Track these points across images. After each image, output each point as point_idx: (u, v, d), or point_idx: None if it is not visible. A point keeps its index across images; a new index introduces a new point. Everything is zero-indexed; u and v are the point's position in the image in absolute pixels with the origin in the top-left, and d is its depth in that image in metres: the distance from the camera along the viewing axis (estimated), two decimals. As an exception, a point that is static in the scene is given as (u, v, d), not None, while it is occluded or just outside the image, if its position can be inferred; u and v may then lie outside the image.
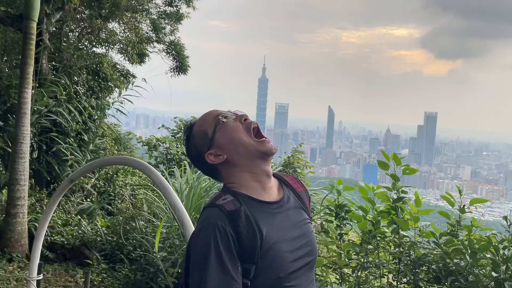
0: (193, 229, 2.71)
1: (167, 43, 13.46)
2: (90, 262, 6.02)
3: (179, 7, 12.99)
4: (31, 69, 6.61)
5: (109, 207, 8.30)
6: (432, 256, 4.13)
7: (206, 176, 6.81)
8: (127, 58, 12.51)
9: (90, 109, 9.64)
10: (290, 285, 1.60)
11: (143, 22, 13.03)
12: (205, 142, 1.70)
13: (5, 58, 10.82)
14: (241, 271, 1.52)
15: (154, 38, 13.33)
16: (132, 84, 11.99)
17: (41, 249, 6.28)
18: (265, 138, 1.70)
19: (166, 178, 6.80)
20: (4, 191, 7.50)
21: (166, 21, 13.42)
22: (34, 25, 6.59)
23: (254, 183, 1.67)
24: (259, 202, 1.64)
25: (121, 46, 11.96)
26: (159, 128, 13.13)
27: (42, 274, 3.88)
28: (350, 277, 4.77)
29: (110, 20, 11.59)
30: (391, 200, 4.52)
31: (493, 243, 3.77)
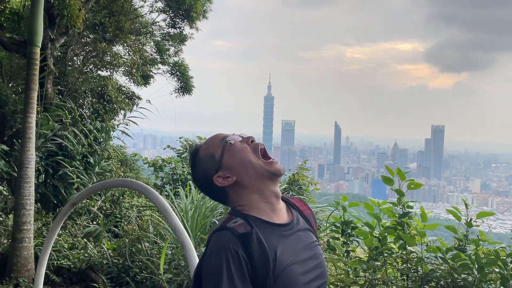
0: (194, 250, 2.70)
1: (171, 64, 13.61)
2: (97, 285, 5.99)
3: (182, 28, 13.14)
4: (35, 94, 6.66)
5: (116, 229, 8.27)
6: (440, 271, 4.07)
7: (211, 198, 6.80)
8: (131, 80, 12.63)
9: (96, 132, 9.69)
10: None
11: (147, 44, 13.19)
12: (213, 165, 1.68)
13: (11, 83, 10.94)
14: None
15: (158, 60, 13.48)
16: (137, 106, 12.06)
17: (48, 273, 6.28)
18: (273, 159, 1.69)
19: (171, 199, 6.80)
20: (10, 215, 7.51)
21: (170, 43, 13.58)
22: (37, 50, 6.66)
23: (263, 204, 1.66)
24: (270, 224, 1.62)
25: (126, 68, 12.08)
26: (164, 149, 13.17)
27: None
28: (358, 295, 4.70)
29: (114, 43, 11.73)
30: (397, 215, 4.47)
31: (501, 257, 3.71)
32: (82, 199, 4.85)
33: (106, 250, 6.72)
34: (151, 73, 13.26)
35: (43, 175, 9.39)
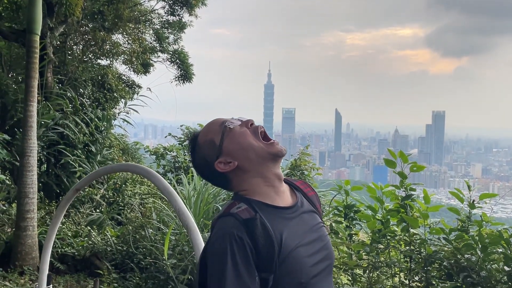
0: (199, 232, 2.70)
1: (171, 52, 13.55)
2: (101, 272, 6.02)
3: (181, 16, 13.07)
4: (35, 83, 6.64)
5: (119, 217, 8.31)
6: (443, 252, 4.08)
7: (213, 184, 6.81)
8: (131, 69, 12.60)
9: (97, 121, 9.69)
10: None
11: (147, 32, 13.13)
12: (213, 151, 1.66)
13: (11, 73, 10.92)
14: (259, 282, 1.48)
15: (158, 48, 13.43)
16: (138, 94, 12.05)
17: (53, 261, 6.31)
18: (273, 140, 1.67)
19: (173, 186, 6.81)
20: (14, 204, 7.53)
21: (169, 31, 13.52)
22: (37, 38, 6.63)
23: (266, 188, 1.64)
24: (274, 208, 1.60)
25: (125, 57, 12.04)
26: (166, 137, 13.17)
27: (51, 285, 3.88)
28: (362, 278, 4.72)
29: (114, 32, 11.68)
30: (399, 198, 4.47)
31: (504, 237, 3.72)
32: (86, 184, 4.86)
33: (109, 237, 6.76)
34: (151, 61, 13.22)
35: (45, 165, 9.42)
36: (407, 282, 4.40)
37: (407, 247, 4.37)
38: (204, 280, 1.55)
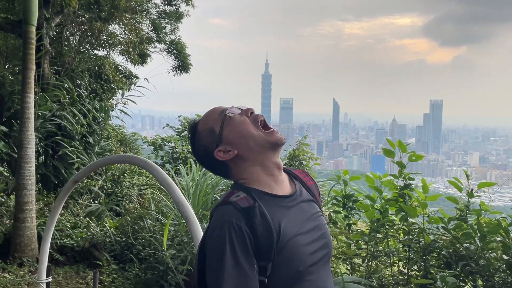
0: (198, 223, 2.70)
1: (168, 43, 13.48)
2: (100, 263, 6.03)
3: (178, 5, 12.99)
4: (32, 74, 6.61)
5: (117, 208, 8.31)
6: (441, 241, 4.10)
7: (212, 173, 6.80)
8: (128, 59, 12.54)
9: (94, 112, 9.66)
10: (310, 279, 1.56)
11: (143, 22, 13.05)
12: (213, 139, 1.67)
13: (8, 64, 10.86)
14: (257, 269, 1.48)
15: (155, 38, 13.35)
16: (135, 85, 12.01)
17: (52, 252, 6.32)
18: (273, 129, 1.67)
19: (172, 177, 6.81)
20: (12, 196, 7.52)
21: (166, 21, 13.44)
22: (33, 29, 6.59)
23: (266, 177, 1.64)
24: (272, 196, 1.61)
25: (122, 47, 11.97)
26: (163, 128, 13.13)
27: (51, 276, 3.88)
28: (361, 267, 4.74)
29: (110, 22, 11.60)
30: (398, 187, 4.47)
31: (503, 226, 3.73)
32: (84, 176, 4.86)
33: (108, 228, 6.76)
34: (148, 51, 13.15)
35: (43, 156, 9.40)
36: (406, 271, 4.42)
37: (406, 237, 4.38)
38: (203, 267, 1.56)
